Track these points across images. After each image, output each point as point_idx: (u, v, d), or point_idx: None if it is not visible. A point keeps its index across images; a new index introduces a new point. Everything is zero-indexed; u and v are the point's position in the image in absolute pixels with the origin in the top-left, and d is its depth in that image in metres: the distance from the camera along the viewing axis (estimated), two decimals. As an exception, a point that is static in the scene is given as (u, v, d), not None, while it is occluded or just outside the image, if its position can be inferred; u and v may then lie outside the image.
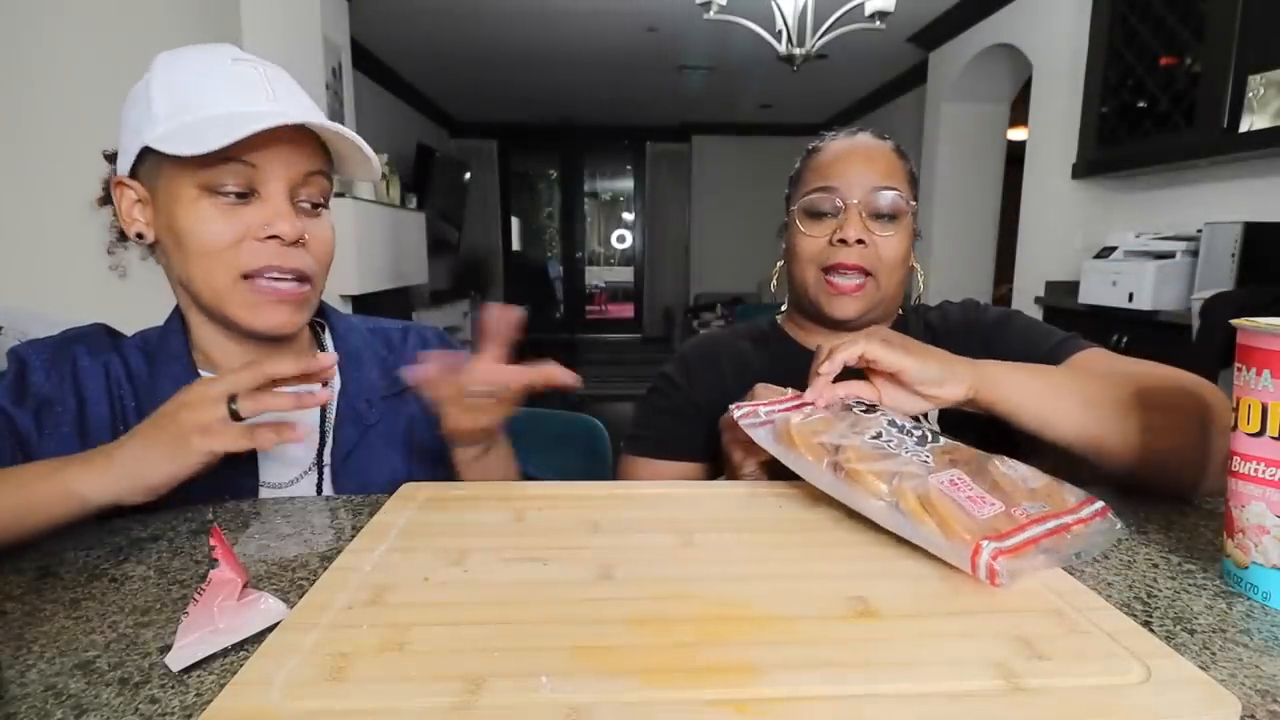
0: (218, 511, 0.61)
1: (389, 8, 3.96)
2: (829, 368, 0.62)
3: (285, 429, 0.56)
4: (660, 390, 0.91)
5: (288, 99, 0.65)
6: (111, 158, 0.70)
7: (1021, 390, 0.63)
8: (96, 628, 0.42)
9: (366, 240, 3.46)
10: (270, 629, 0.39)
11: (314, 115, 0.65)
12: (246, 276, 0.63)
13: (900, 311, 0.90)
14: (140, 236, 0.66)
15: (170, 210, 0.63)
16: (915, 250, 0.86)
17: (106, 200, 0.70)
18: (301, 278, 0.66)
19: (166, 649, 0.39)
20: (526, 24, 4.32)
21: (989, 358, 0.71)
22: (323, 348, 0.76)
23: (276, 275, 0.64)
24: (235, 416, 0.55)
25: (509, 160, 7.79)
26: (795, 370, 0.73)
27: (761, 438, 0.60)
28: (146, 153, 0.62)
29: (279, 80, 0.65)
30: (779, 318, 0.95)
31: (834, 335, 0.86)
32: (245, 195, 0.63)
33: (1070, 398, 0.64)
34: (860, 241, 0.78)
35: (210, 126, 0.59)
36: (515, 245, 8.35)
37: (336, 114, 3.45)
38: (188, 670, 0.37)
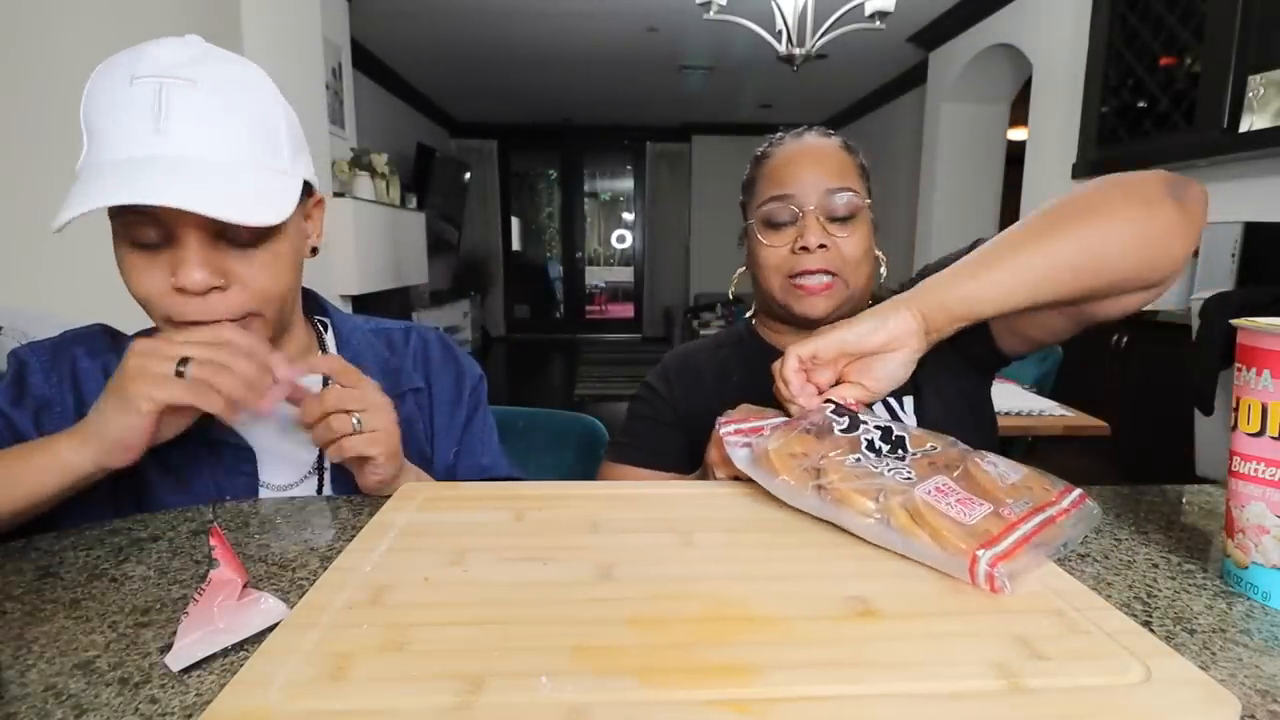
0: (218, 511, 0.61)
1: (389, 8, 3.96)
2: (796, 392, 0.62)
3: (254, 397, 0.56)
4: (643, 399, 0.91)
5: (182, 126, 0.56)
6: None
7: (961, 282, 0.61)
8: (96, 628, 0.42)
9: (366, 240, 3.46)
10: (270, 629, 0.39)
11: (219, 150, 0.57)
12: (174, 323, 0.60)
13: (871, 303, 0.89)
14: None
15: (115, 250, 0.60)
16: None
17: None
18: (234, 318, 0.61)
19: (166, 649, 0.39)
20: (526, 24, 4.32)
21: None
22: (324, 347, 0.76)
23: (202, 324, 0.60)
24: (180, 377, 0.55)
25: (509, 160, 7.80)
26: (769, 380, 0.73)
27: (740, 459, 0.59)
28: None
29: (181, 95, 0.56)
30: (753, 320, 0.95)
31: (804, 335, 0.86)
32: (160, 244, 0.58)
33: (1015, 250, 0.61)
34: (822, 246, 0.79)
35: (86, 183, 0.55)
36: (515, 245, 8.36)
37: (336, 114, 3.45)
38: (188, 670, 0.37)
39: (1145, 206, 0.60)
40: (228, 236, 0.60)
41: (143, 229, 0.57)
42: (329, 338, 0.77)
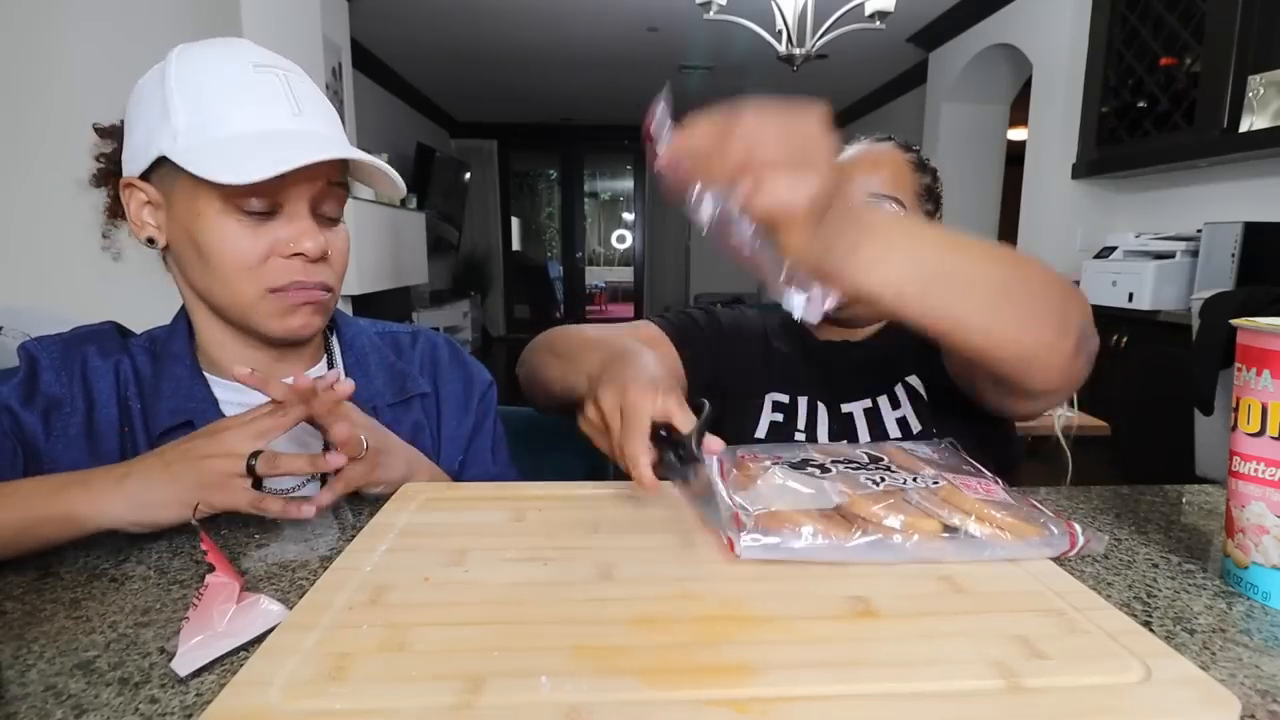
0: (218, 514, 0.61)
1: (389, 8, 3.96)
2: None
3: (294, 506, 0.55)
4: (694, 313, 0.94)
5: (312, 111, 0.63)
6: (105, 133, 0.68)
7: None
8: (96, 628, 0.42)
9: (366, 240, 3.46)
10: (270, 630, 0.39)
11: (340, 135, 0.66)
12: (273, 290, 0.63)
13: None
14: (151, 241, 0.65)
15: (190, 223, 0.61)
16: None
17: (101, 182, 0.69)
18: (324, 288, 0.66)
19: (166, 650, 0.39)
20: (526, 24, 4.32)
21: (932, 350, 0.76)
22: (329, 351, 0.76)
23: (302, 289, 0.64)
24: (251, 471, 0.54)
25: (509, 160, 7.79)
26: (808, 362, 0.78)
27: (758, 546, 0.46)
28: (164, 159, 0.60)
29: (301, 88, 0.64)
30: None
31: (833, 328, 0.89)
32: (270, 211, 0.62)
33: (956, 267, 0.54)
34: None
35: (240, 148, 0.58)
36: (515, 245, 8.35)
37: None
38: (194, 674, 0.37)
39: (1060, 335, 0.56)
40: (317, 212, 0.65)
41: (252, 196, 0.60)
42: (334, 341, 0.77)
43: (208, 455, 0.54)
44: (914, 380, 0.83)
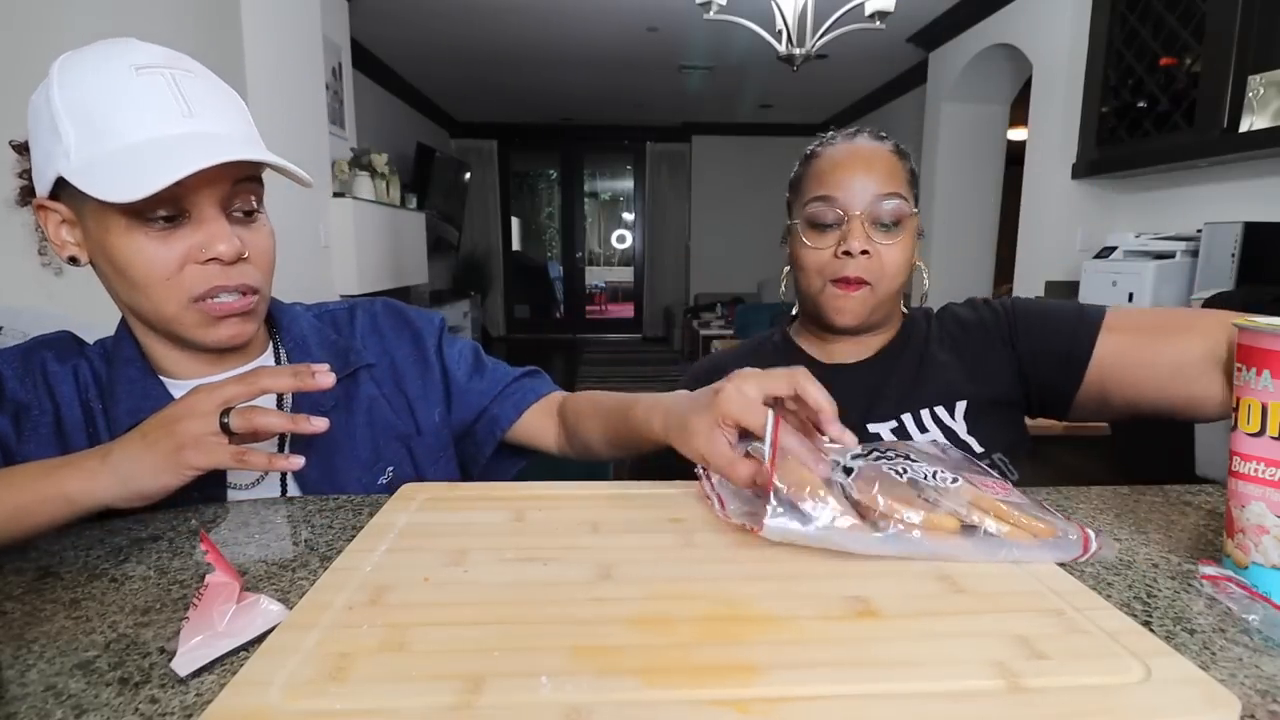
0: (219, 512, 0.61)
1: (389, 8, 3.96)
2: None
3: (279, 459, 0.55)
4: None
5: (204, 109, 0.60)
6: (21, 149, 0.67)
7: None
8: (96, 628, 0.42)
9: (366, 240, 3.46)
10: (271, 630, 0.39)
11: (239, 129, 0.63)
12: (195, 299, 0.62)
13: (905, 311, 0.88)
14: (74, 260, 0.64)
15: (102, 239, 0.60)
16: (919, 249, 0.86)
17: (25, 200, 0.68)
18: (248, 290, 0.64)
19: (166, 650, 0.39)
20: (526, 24, 4.32)
21: (1016, 356, 0.79)
22: (274, 340, 0.76)
23: (224, 294, 0.63)
24: (226, 430, 0.54)
25: (509, 160, 7.80)
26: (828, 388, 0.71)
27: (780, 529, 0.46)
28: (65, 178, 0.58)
29: (191, 85, 0.60)
30: (790, 328, 0.92)
31: (842, 342, 0.85)
32: (177, 218, 0.60)
33: None
34: (865, 252, 0.78)
35: (129, 161, 0.56)
36: (515, 245, 8.35)
37: (336, 114, 3.45)
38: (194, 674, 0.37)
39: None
40: (230, 211, 0.63)
41: (155, 205, 0.58)
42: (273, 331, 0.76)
43: (178, 419, 0.54)
44: (940, 410, 0.79)
